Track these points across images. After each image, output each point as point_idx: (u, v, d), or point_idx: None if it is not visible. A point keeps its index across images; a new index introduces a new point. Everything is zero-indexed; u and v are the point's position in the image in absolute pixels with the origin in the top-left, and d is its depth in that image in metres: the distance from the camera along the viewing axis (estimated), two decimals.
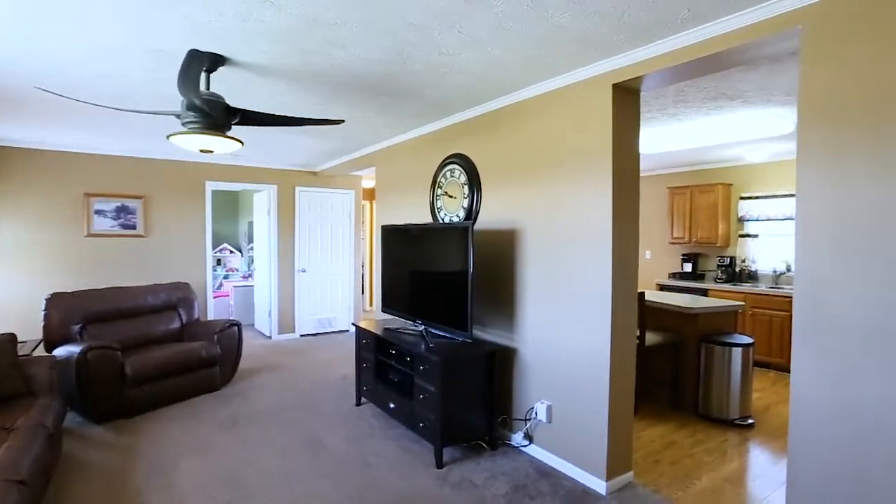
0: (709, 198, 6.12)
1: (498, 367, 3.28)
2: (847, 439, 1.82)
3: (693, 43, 2.23)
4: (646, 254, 7.18)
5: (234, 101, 3.26)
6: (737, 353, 3.76)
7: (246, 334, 6.85)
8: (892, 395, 1.70)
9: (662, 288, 6.42)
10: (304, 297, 6.82)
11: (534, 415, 3.16)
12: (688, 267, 6.44)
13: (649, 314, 4.23)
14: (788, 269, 5.60)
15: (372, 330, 3.79)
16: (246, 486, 2.77)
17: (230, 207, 9.09)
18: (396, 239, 3.94)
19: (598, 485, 2.74)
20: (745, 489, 2.82)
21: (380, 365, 3.77)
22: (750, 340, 3.83)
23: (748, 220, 6.00)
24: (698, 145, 4.86)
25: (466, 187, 3.71)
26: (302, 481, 2.84)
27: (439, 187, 4.05)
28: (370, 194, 8.38)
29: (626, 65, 2.54)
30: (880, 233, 1.72)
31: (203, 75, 2.52)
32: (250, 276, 8.26)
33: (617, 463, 2.78)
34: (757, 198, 5.90)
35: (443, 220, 4.00)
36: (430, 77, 2.90)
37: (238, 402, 4.16)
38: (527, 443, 3.23)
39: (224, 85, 2.98)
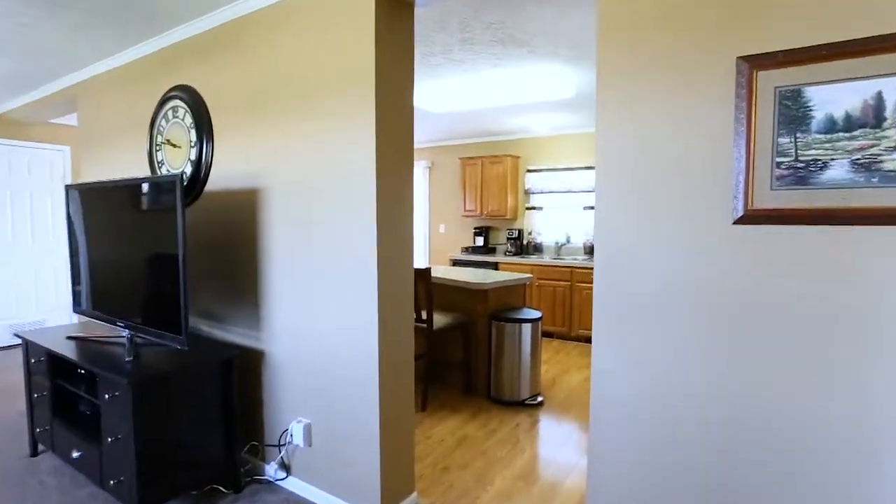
0: (498, 169, 6.02)
1: (238, 378, 2.36)
2: (645, 416, 1.44)
3: None
4: (440, 227, 6.91)
5: None
6: (527, 329, 3.51)
7: None
8: (677, 364, 1.35)
9: (455, 263, 6.19)
10: None
11: (289, 437, 2.35)
12: (480, 240, 6.32)
13: (438, 293, 3.77)
14: (568, 241, 5.81)
15: (42, 343, 2.48)
16: None
17: None
18: (85, 205, 2.65)
19: None
20: (538, 483, 2.49)
21: (59, 393, 2.50)
22: (539, 315, 3.63)
23: (534, 193, 6.08)
24: (487, 105, 4.55)
25: (194, 132, 2.64)
26: None
27: (159, 133, 2.87)
28: None
29: None
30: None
31: None
32: None
33: (395, 485, 2.16)
34: (541, 171, 5.99)
35: None
36: None
37: None
38: (283, 475, 2.41)
39: None
